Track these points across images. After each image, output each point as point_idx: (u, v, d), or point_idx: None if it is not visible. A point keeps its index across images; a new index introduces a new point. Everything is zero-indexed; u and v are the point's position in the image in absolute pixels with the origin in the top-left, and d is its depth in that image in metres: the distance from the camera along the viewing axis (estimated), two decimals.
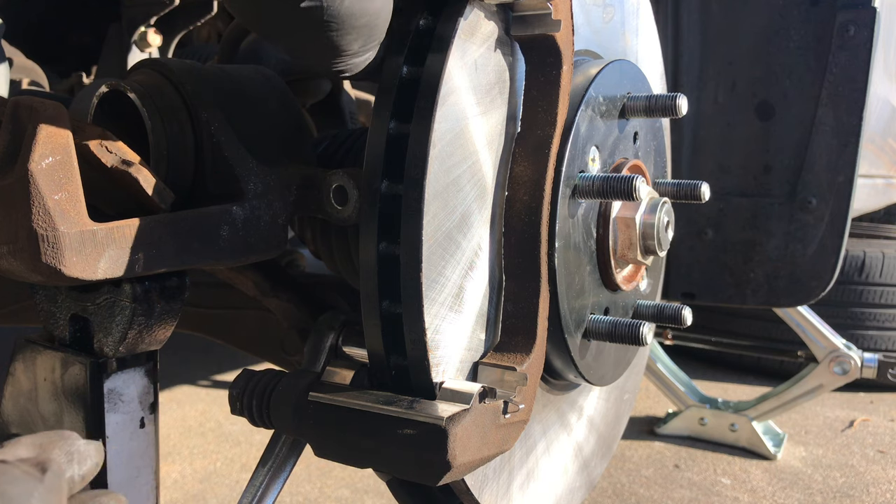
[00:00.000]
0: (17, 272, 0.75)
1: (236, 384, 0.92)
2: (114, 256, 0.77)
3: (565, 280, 0.95)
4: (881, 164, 2.81)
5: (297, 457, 1.09)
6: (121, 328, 0.88)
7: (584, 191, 0.95)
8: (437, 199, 0.79)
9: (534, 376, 0.88)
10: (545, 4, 0.85)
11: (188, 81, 0.93)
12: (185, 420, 3.04)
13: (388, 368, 0.83)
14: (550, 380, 1.07)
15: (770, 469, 2.69)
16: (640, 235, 1.03)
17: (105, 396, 0.90)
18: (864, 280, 3.38)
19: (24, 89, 1.58)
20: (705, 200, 1.12)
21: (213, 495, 2.43)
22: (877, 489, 2.55)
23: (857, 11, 1.76)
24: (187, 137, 0.93)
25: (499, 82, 0.88)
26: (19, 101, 0.75)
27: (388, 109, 0.81)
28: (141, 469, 0.95)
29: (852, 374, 2.64)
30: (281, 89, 1.06)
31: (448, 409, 0.77)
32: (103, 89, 0.93)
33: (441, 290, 0.81)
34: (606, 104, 1.03)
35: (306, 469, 2.57)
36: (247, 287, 1.28)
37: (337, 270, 1.23)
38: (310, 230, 1.22)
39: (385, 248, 0.80)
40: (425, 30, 0.84)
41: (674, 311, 1.09)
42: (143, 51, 1.72)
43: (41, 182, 0.71)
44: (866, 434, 3.03)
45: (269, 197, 0.93)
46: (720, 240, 2.07)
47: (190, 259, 0.86)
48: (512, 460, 1.05)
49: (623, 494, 2.47)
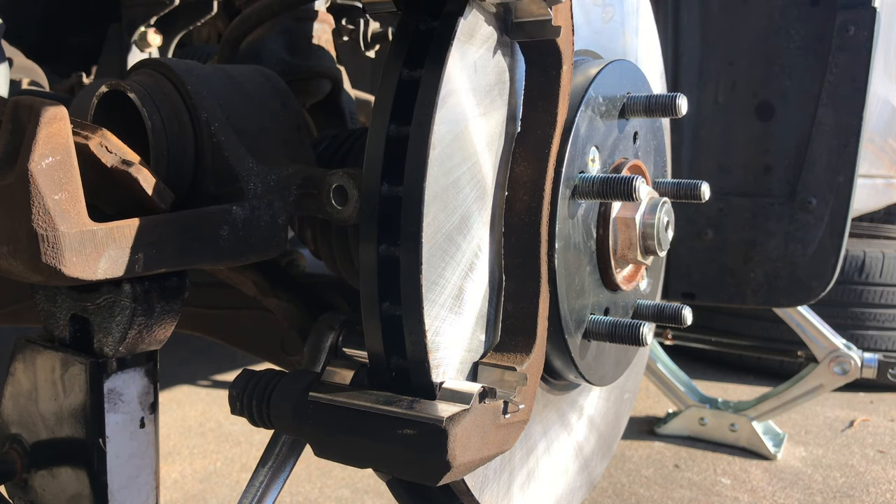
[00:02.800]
0: (17, 272, 0.75)
1: (236, 384, 0.92)
2: (114, 256, 0.77)
3: (565, 280, 0.95)
4: (881, 164, 2.81)
5: (297, 457, 1.09)
6: (121, 328, 0.88)
7: (584, 191, 0.95)
8: (436, 201, 0.79)
9: (534, 376, 0.88)
10: (545, 10, 0.85)
11: (188, 81, 0.93)
12: (185, 420, 3.04)
13: (388, 369, 0.83)
14: (551, 380, 1.07)
15: (770, 469, 2.69)
16: (640, 235, 1.03)
17: (105, 396, 0.90)
18: (864, 280, 3.38)
19: (24, 89, 1.58)
20: (705, 200, 1.12)
21: (213, 495, 2.43)
22: (877, 489, 2.55)
23: (857, 11, 1.76)
24: (187, 137, 0.93)
25: (498, 83, 0.88)
26: (19, 101, 0.75)
27: (387, 111, 0.81)
28: (141, 469, 0.95)
29: (852, 374, 2.64)
30: (281, 89, 1.06)
31: (448, 410, 0.77)
32: (103, 89, 0.93)
33: (441, 292, 0.81)
34: (606, 104, 1.03)
35: (306, 469, 2.57)
36: (247, 287, 1.28)
37: (337, 270, 1.23)
38: (310, 230, 1.22)
39: (385, 249, 0.80)
40: (425, 31, 0.84)
41: (674, 311, 1.09)
42: (143, 51, 1.72)
43: (41, 182, 0.71)
44: (866, 434, 3.03)
45: (269, 197, 0.93)
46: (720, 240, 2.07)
47: (190, 259, 0.86)
48: (512, 460, 1.05)
49: (623, 494, 2.47)
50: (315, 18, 1.37)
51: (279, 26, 1.33)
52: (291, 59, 1.33)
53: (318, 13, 1.37)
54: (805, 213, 1.96)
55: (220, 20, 1.88)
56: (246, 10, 1.23)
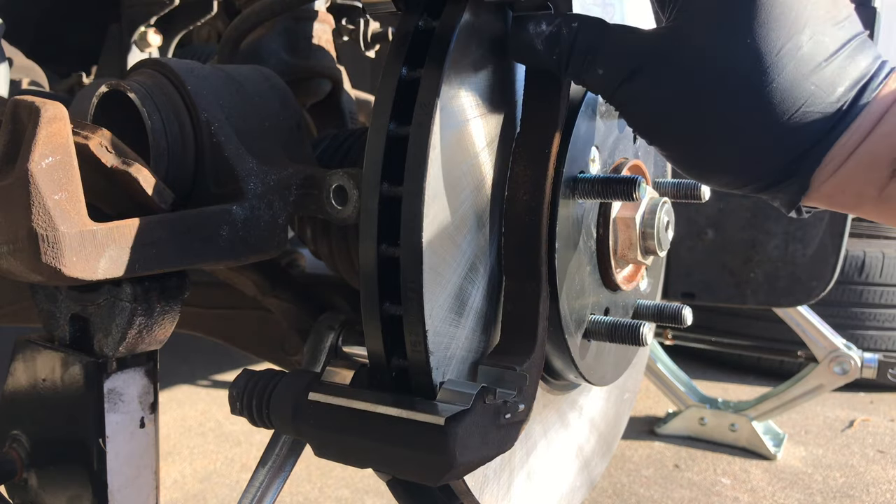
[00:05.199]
0: (17, 272, 0.75)
1: (236, 384, 0.92)
2: (114, 256, 0.77)
3: (565, 280, 0.95)
4: None
5: (297, 457, 1.09)
6: (121, 328, 0.88)
7: (584, 191, 0.95)
8: (436, 201, 0.79)
9: (534, 376, 0.88)
10: (545, 5, 0.85)
11: (188, 81, 0.93)
12: (185, 420, 3.04)
13: (389, 369, 0.83)
14: (551, 380, 1.07)
15: (770, 469, 2.69)
16: (640, 235, 1.02)
17: (105, 396, 0.90)
18: (864, 280, 3.38)
19: (24, 89, 1.58)
20: (705, 200, 1.12)
21: (213, 495, 2.43)
22: (877, 489, 2.55)
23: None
24: (187, 137, 0.93)
25: (498, 83, 0.88)
26: (19, 101, 0.75)
27: (387, 111, 0.81)
28: (141, 469, 0.95)
29: (852, 374, 2.64)
30: (281, 89, 1.06)
31: (448, 410, 0.77)
32: (103, 89, 0.93)
33: (441, 292, 0.81)
34: (606, 104, 1.03)
35: (306, 469, 2.57)
36: (247, 287, 1.28)
37: (337, 270, 1.23)
38: (310, 230, 1.22)
39: (385, 249, 0.80)
40: (425, 30, 0.84)
41: (674, 311, 1.09)
42: (143, 51, 1.72)
43: (41, 182, 0.71)
44: (866, 434, 3.03)
45: (269, 197, 0.93)
46: (720, 240, 2.07)
47: (190, 259, 0.86)
48: (512, 460, 1.05)
49: (623, 494, 2.47)
50: (315, 18, 1.37)
51: (279, 26, 1.32)
52: (291, 59, 1.33)
53: (318, 13, 1.37)
54: None
55: (220, 20, 1.88)
56: (246, 10, 1.23)
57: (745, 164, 0.73)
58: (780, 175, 0.72)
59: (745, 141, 0.71)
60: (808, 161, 0.70)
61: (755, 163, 0.72)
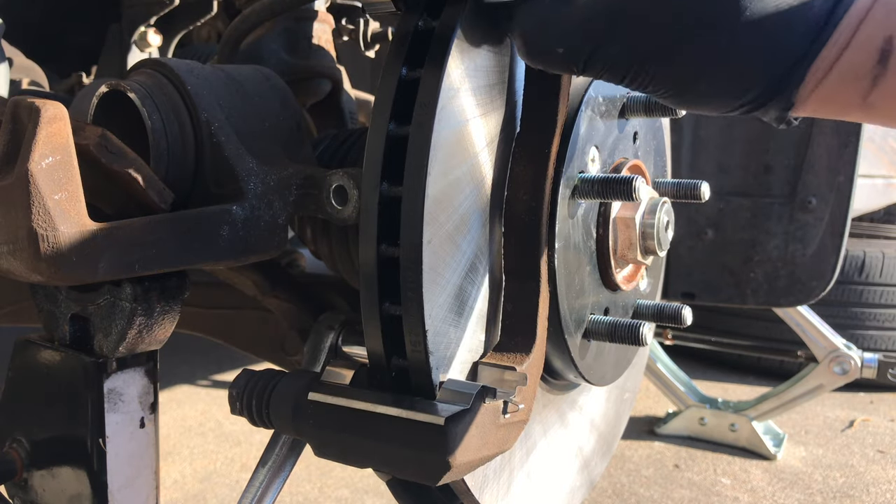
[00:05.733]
0: (17, 272, 0.75)
1: (236, 384, 0.92)
2: (114, 256, 0.77)
3: (565, 280, 0.95)
4: (881, 164, 2.81)
5: (297, 457, 1.09)
6: (120, 328, 0.88)
7: (584, 191, 0.95)
8: (436, 201, 0.79)
9: (534, 376, 0.88)
10: None
11: (188, 81, 0.93)
12: (185, 420, 3.04)
13: (388, 369, 0.83)
14: (550, 380, 1.07)
15: (770, 469, 2.69)
16: (639, 235, 1.03)
17: (105, 396, 0.90)
18: (864, 280, 3.38)
19: (24, 89, 1.58)
20: (705, 200, 1.12)
21: (213, 495, 2.43)
22: (877, 489, 2.55)
23: None
24: (187, 137, 0.93)
25: (498, 83, 0.88)
26: (19, 101, 0.75)
27: (387, 111, 0.81)
28: (141, 469, 0.95)
29: (852, 374, 2.64)
30: (281, 89, 1.06)
31: (448, 409, 0.77)
32: (103, 89, 0.93)
33: (441, 292, 0.81)
34: (606, 104, 1.03)
35: (306, 469, 2.57)
36: (247, 287, 1.28)
37: (337, 270, 1.23)
38: (310, 230, 1.22)
39: (385, 249, 0.80)
40: (425, 31, 0.84)
41: (674, 310, 1.09)
42: (143, 51, 1.72)
43: (41, 182, 0.71)
44: (866, 434, 3.03)
45: (269, 197, 0.93)
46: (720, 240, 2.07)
47: (190, 259, 0.86)
48: (512, 460, 1.05)
49: (623, 494, 2.47)
50: (315, 18, 1.37)
51: (279, 26, 1.33)
52: (291, 59, 1.33)
53: (317, 13, 1.37)
54: (805, 212, 1.97)
55: (220, 20, 1.88)
56: (246, 10, 1.23)
57: (732, 88, 0.74)
58: (766, 94, 0.73)
59: (730, 66, 0.73)
60: (792, 77, 0.71)
61: (741, 86, 0.74)
